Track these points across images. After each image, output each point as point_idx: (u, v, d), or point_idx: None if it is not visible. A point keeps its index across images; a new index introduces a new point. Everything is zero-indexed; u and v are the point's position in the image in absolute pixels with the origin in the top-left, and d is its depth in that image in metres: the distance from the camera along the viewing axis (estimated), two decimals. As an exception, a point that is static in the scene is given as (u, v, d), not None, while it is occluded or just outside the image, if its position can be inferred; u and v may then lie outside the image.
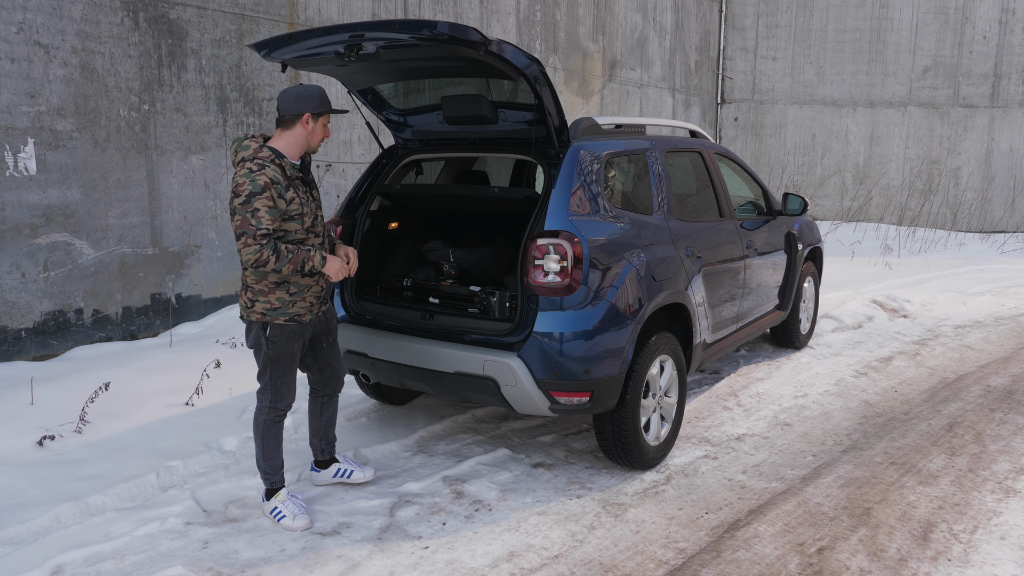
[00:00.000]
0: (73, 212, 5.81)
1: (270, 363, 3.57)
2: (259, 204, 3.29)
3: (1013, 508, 3.90)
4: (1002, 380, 5.99)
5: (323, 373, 3.89)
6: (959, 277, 10.42)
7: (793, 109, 14.88)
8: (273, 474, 3.71)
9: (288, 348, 3.57)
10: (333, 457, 4.07)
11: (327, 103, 3.53)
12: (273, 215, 3.32)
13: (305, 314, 3.57)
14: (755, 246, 5.57)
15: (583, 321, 3.79)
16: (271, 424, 3.66)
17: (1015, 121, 14.13)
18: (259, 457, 3.69)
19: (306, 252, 3.42)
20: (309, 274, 3.52)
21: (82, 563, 3.28)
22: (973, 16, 14.00)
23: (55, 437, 4.32)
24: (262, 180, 3.31)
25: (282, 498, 3.69)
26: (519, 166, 5.81)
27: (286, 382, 3.63)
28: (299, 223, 3.46)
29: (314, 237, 3.55)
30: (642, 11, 12.74)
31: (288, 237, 3.46)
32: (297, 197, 3.44)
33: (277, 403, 3.64)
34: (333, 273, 3.52)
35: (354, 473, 4.04)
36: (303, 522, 3.61)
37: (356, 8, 7.91)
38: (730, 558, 3.43)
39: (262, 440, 3.67)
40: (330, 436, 4.03)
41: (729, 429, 4.92)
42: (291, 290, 3.52)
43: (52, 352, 5.77)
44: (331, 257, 3.52)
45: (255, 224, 3.28)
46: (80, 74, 5.80)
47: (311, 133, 3.50)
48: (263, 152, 3.40)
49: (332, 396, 3.99)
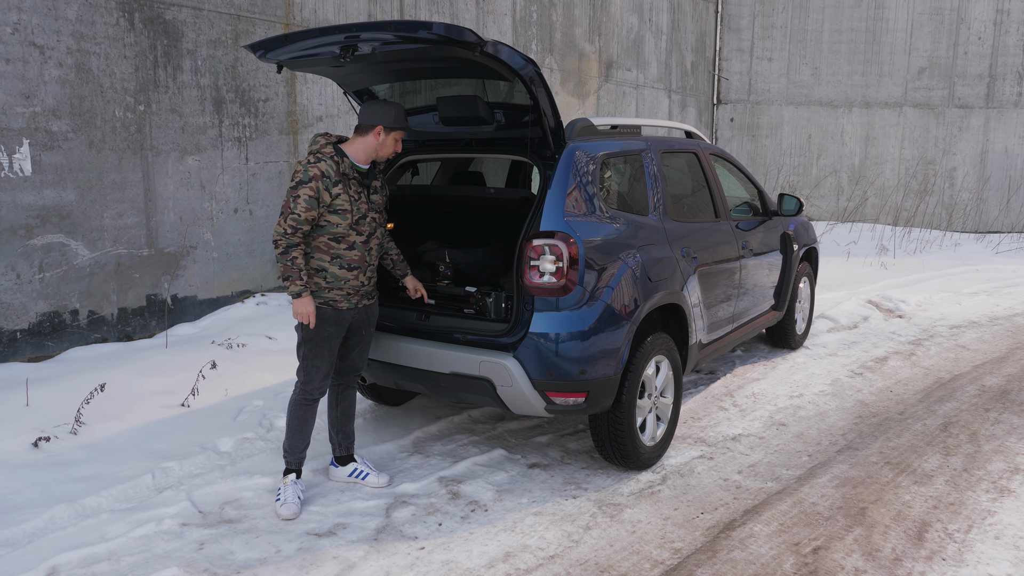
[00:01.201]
0: (68, 213, 5.80)
1: (304, 343, 3.76)
2: (302, 192, 3.55)
3: (1007, 507, 3.91)
4: (997, 380, 6.01)
5: (343, 362, 3.99)
6: (954, 277, 10.45)
7: (789, 110, 14.91)
8: (291, 454, 3.87)
9: (321, 331, 3.72)
10: (351, 455, 4.14)
11: (402, 120, 3.73)
12: (311, 204, 3.56)
13: (341, 301, 3.75)
14: (751, 247, 5.58)
15: (579, 322, 3.79)
16: (298, 404, 3.82)
17: (1010, 122, 14.17)
18: (286, 435, 3.87)
19: (299, 278, 3.58)
20: (286, 288, 3.70)
21: (77, 564, 3.28)
22: (968, 17, 14.04)
23: (50, 438, 4.32)
24: (313, 171, 3.58)
25: (287, 482, 3.83)
26: (515, 167, 5.81)
27: (316, 365, 3.77)
28: (342, 218, 3.66)
29: (356, 235, 3.72)
30: (638, 12, 12.75)
31: (329, 228, 3.66)
32: (346, 194, 3.65)
33: (306, 384, 3.80)
34: (294, 312, 3.65)
35: (369, 476, 4.08)
36: (287, 511, 3.71)
37: (352, 9, 7.91)
38: (726, 558, 3.43)
39: (289, 418, 3.84)
40: (347, 430, 4.12)
41: (725, 429, 4.93)
42: (327, 279, 3.72)
43: (47, 353, 5.76)
44: (306, 300, 3.61)
45: (292, 207, 3.56)
46: (75, 75, 5.79)
47: (381, 145, 3.72)
48: (326, 149, 3.66)
49: (347, 387, 4.08)
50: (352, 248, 3.73)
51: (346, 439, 4.13)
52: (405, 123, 3.74)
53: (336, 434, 4.12)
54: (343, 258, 3.72)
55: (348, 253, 3.72)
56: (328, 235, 3.67)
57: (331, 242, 3.69)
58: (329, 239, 3.68)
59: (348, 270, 3.73)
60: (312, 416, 3.86)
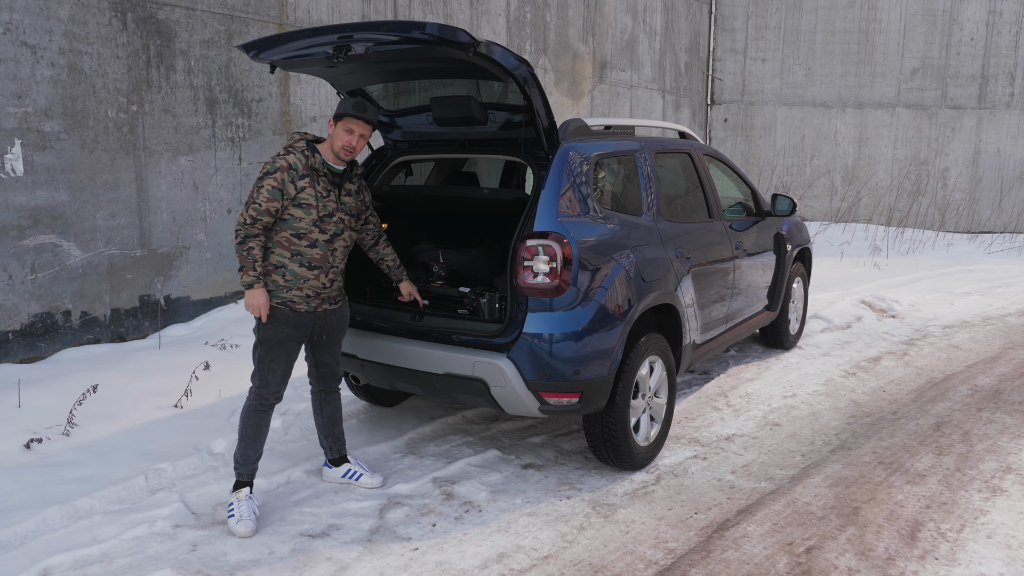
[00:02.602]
0: (61, 214, 5.78)
1: (260, 344, 3.67)
2: (267, 182, 3.53)
3: (1000, 507, 3.92)
4: (989, 380, 6.03)
5: (318, 369, 3.95)
6: (947, 277, 10.49)
7: (782, 110, 14.94)
8: (243, 465, 3.72)
9: (277, 332, 3.63)
10: (344, 456, 4.12)
11: (347, 107, 3.61)
12: (274, 195, 3.53)
13: (300, 303, 3.66)
14: (744, 247, 5.59)
15: (572, 322, 3.79)
16: (252, 411, 3.70)
17: (1002, 122, 14.22)
18: (236, 445, 3.74)
19: (253, 269, 3.53)
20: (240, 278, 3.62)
21: (70, 566, 3.27)
22: (961, 18, 14.09)
23: (43, 440, 4.30)
24: (280, 163, 3.56)
25: (241, 496, 3.68)
26: (509, 167, 5.82)
27: (273, 368, 3.66)
28: (306, 212, 3.60)
29: (319, 232, 3.64)
30: (632, 12, 12.77)
31: (292, 223, 3.60)
32: (312, 189, 3.60)
33: (262, 389, 3.68)
34: (245, 303, 3.58)
35: (362, 477, 4.07)
36: (244, 528, 3.55)
37: (346, 9, 7.91)
38: (719, 558, 3.44)
39: (241, 426, 3.71)
40: (335, 433, 4.08)
41: (719, 429, 4.94)
42: (286, 276, 3.63)
43: (39, 354, 5.73)
44: (258, 291, 3.54)
45: (255, 197, 3.54)
46: (67, 75, 5.77)
47: (332, 136, 3.67)
48: (298, 143, 3.66)
49: (329, 392, 4.03)
50: (314, 246, 3.64)
51: (336, 442, 4.10)
52: (353, 111, 3.59)
53: (326, 439, 4.09)
54: (304, 255, 3.63)
55: (309, 251, 3.63)
56: (290, 230, 3.60)
57: (293, 238, 3.60)
58: (291, 235, 3.60)
59: (308, 268, 3.64)
60: (266, 424, 3.75)
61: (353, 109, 3.61)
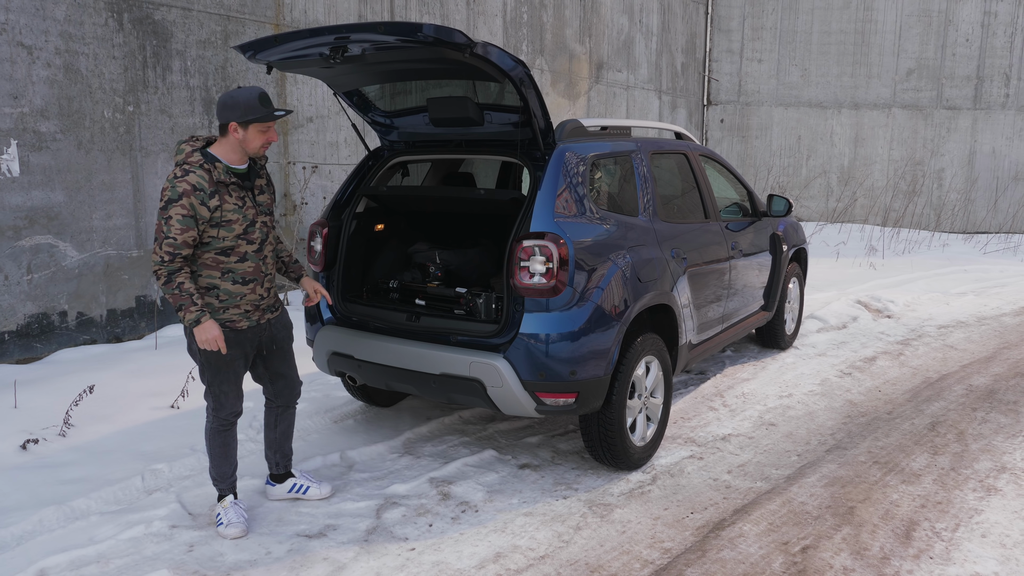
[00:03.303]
0: (57, 214, 5.78)
1: (206, 367, 3.46)
2: (173, 212, 3.21)
3: (994, 506, 3.94)
4: (984, 379, 6.05)
5: (275, 384, 3.76)
6: (942, 277, 10.52)
7: (779, 111, 14.97)
8: (220, 481, 3.64)
9: (220, 355, 3.41)
10: (289, 472, 3.94)
11: (254, 110, 3.31)
12: (187, 224, 3.22)
13: (240, 320, 3.47)
14: (740, 247, 5.60)
15: (569, 322, 3.80)
16: (216, 432, 3.57)
17: (997, 123, 14.27)
18: (210, 463, 3.65)
19: (192, 304, 3.24)
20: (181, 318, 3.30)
21: (66, 567, 3.27)
22: (956, 19, 14.14)
23: (39, 441, 4.30)
24: (181, 187, 3.22)
25: (226, 504, 3.62)
26: (505, 168, 5.82)
27: (224, 390, 3.50)
28: (227, 230, 3.34)
29: (246, 244, 3.41)
30: (628, 13, 12.78)
31: (215, 243, 3.34)
32: (228, 203, 3.32)
33: (217, 411, 3.54)
34: (199, 340, 3.28)
35: (310, 489, 3.90)
36: (234, 531, 3.52)
37: (342, 9, 7.91)
38: (715, 557, 3.45)
39: (208, 447, 3.61)
40: (285, 450, 3.89)
41: (715, 429, 4.95)
42: (220, 297, 3.42)
43: (36, 355, 5.73)
44: (208, 325, 3.26)
45: (165, 231, 3.22)
46: (64, 75, 5.77)
47: (244, 141, 3.36)
48: (193, 156, 3.31)
49: (287, 407, 3.84)
50: (244, 260, 3.42)
51: (284, 458, 3.90)
52: (261, 110, 3.32)
53: (273, 454, 3.88)
54: (235, 272, 3.41)
55: (241, 266, 3.41)
56: (215, 250, 3.34)
57: (219, 256, 3.36)
58: (216, 254, 3.35)
59: (243, 284, 3.43)
60: (234, 438, 3.62)
61: (263, 108, 3.32)
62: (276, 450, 3.88)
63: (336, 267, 4.47)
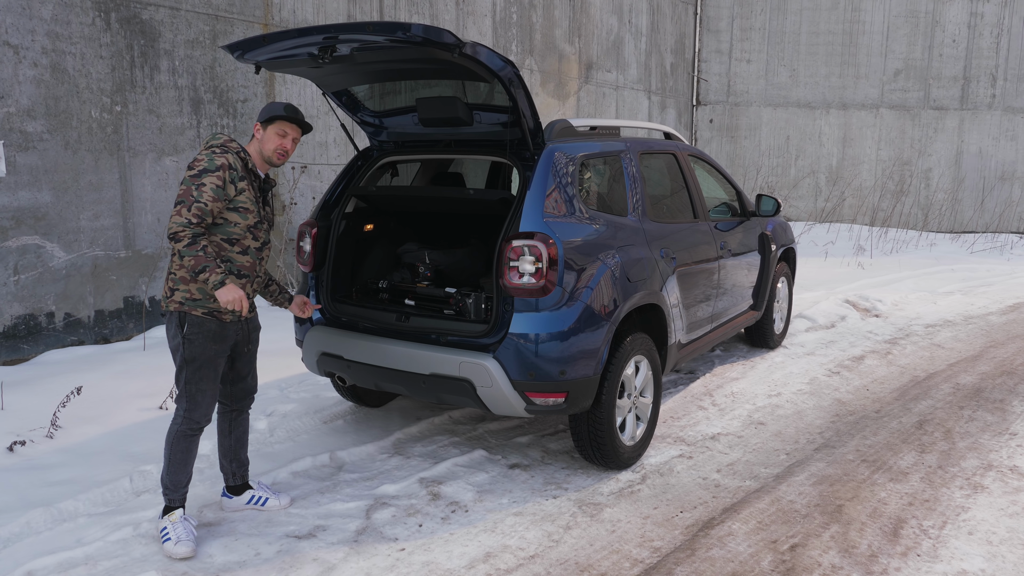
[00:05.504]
0: (44, 214, 5.74)
1: (186, 364, 3.40)
2: (208, 180, 3.27)
3: (981, 504, 3.97)
4: (971, 378, 6.10)
5: (235, 386, 3.70)
6: (930, 277, 10.59)
7: (767, 111, 15.03)
8: (173, 491, 3.49)
9: (206, 349, 3.40)
10: (246, 483, 3.84)
11: (276, 110, 3.47)
12: (218, 194, 3.29)
13: (226, 313, 3.43)
14: (729, 247, 5.62)
15: (558, 322, 3.81)
16: (182, 436, 3.45)
17: (984, 123, 14.37)
18: (163, 469, 3.49)
19: (216, 266, 3.24)
20: (204, 281, 3.29)
21: (54, 569, 3.25)
22: (943, 20, 14.23)
23: (26, 442, 4.27)
24: (220, 160, 3.32)
25: (175, 519, 3.46)
26: (495, 168, 5.82)
27: (202, 389, 3.43)
28: (243, 217, 3.42)
29: (251, 239, 3.48)
30: (618, 13, 12.81)
31: (226, 227, 3.40)
32: (251, 191, 3.44)
33: (192, 412, 3.43)
34: (224, 300, 3.27)
35: (269, 500, 3.81)
36: (183, 550, 3.34)
37: (331, 9, 7.89)
38: (704, 556, 3.46)
39: (169, 451, 3.45)
40: (242, 458, 3.80)
41: (704, 428, 4.97)
42: None
43: (23, 356, 5.69)
44: (232, 286, 3.28)
45: (196, 196, 3.25)
46: (50, 75, 5.73)
47: (262, 140, 3.50)
48: (232, 143, 3.45)
49: (242, 412, 3.77)
50: (245, 253, 3.47)
51: (240, 467, 3.80)
52: (286, 113, 3.47)
53: (229, 463, 3.78)
54: (234, 263, 3.44)
55: (241, 258, 3.45)
56: (223, 235, 3.39)
57: (224, 243, 3.40)
58: (223, 239, 3.40)
59: (238, 277, 3.45)
60: (196, 447, 3.50)
61: (285, 111, 3.48)
62: (232, 459, 3.78)
63: (325, 267, 4.46)
